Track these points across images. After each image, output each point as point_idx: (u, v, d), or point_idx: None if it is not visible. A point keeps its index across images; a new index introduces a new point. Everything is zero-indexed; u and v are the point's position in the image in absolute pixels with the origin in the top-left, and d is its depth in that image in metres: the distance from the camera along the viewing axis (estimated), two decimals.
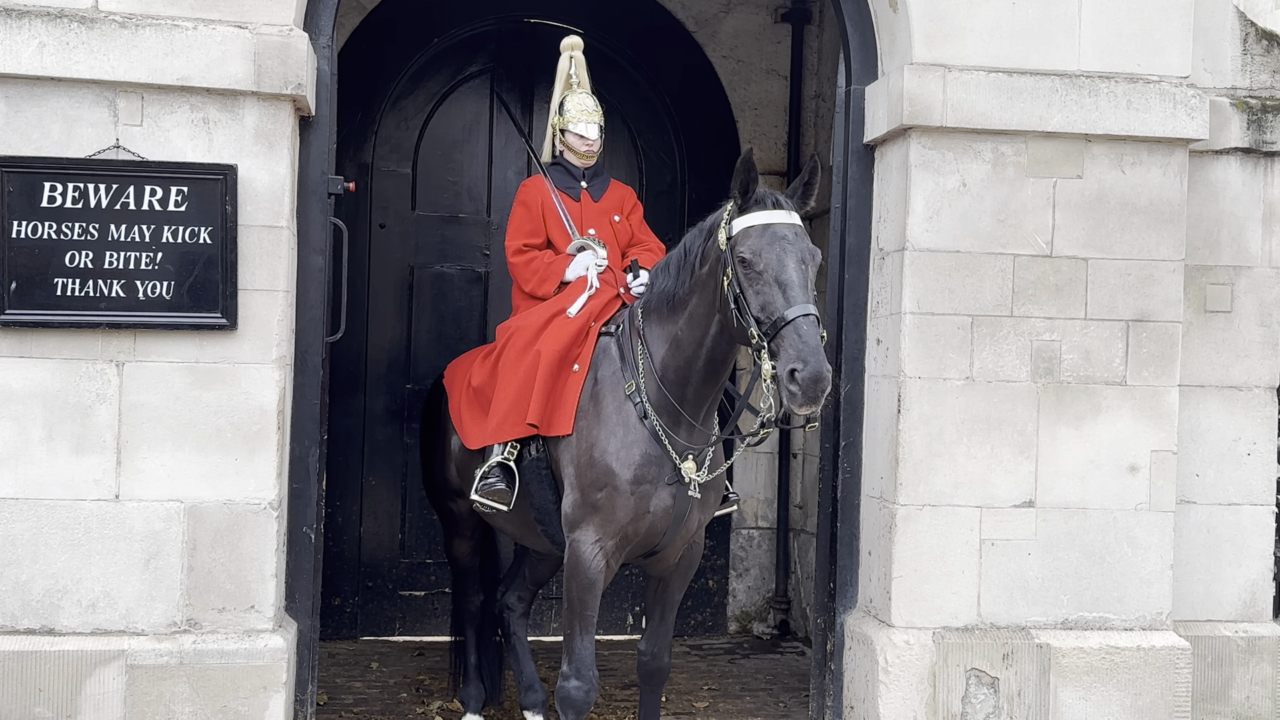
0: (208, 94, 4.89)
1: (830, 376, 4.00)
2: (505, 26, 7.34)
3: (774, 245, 4.22)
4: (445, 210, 7.38)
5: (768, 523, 7.82)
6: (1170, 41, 5.38)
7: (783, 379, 4.03)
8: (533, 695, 5.62)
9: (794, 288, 4.15)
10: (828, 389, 4.00)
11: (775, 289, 4.16)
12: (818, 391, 3.97)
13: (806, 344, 4.01)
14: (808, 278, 4.22)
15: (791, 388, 3.99)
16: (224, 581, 4.91)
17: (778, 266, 4.18)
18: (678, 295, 4.59)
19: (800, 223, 4.36)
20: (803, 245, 4.27)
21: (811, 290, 4.21)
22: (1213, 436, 5.63)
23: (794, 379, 3.99)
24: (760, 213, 4.31)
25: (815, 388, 3.97)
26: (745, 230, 4.29)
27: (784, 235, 4.26)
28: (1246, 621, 5.68)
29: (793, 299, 4.12)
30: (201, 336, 4.88)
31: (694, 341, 4.54)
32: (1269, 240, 5.68)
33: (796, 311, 4.09)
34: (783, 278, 4.17)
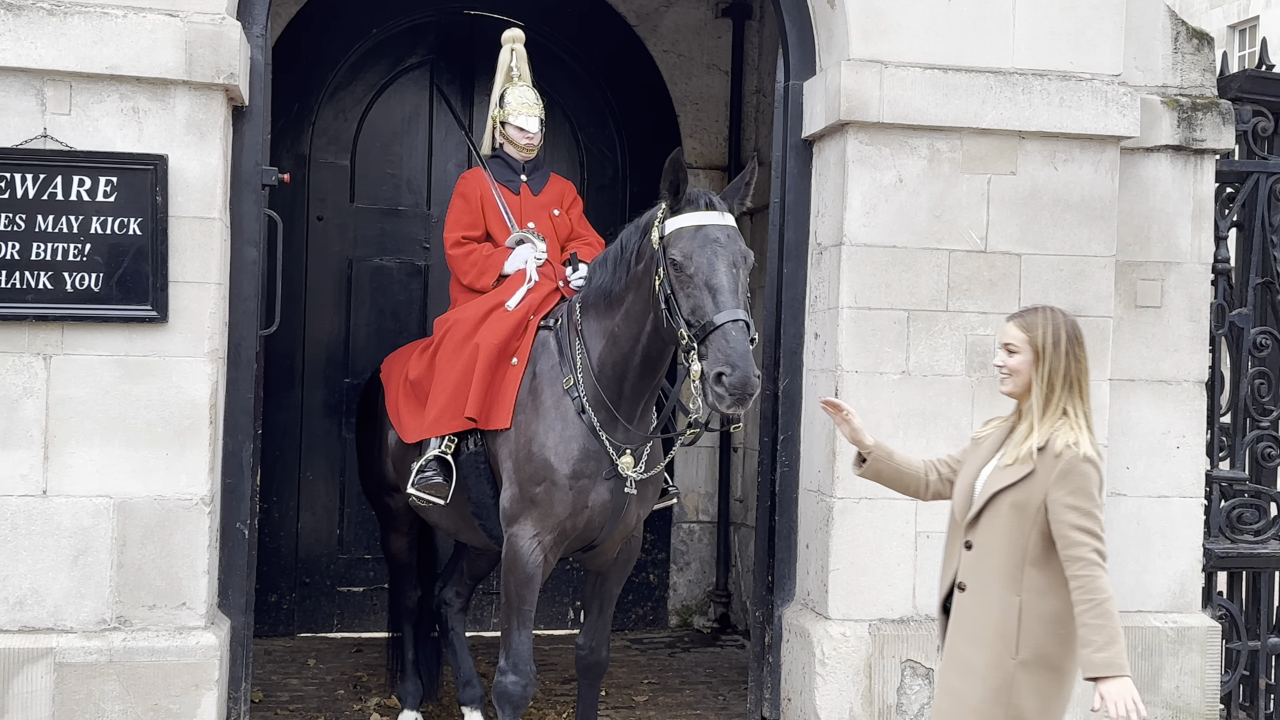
0: (138, 83, 4.81)
1: (757, 380, 4.03)
2: (445, 18, 7.29)
3: (705, 248, 4.22)
4: (384, 203, 7.32)
5: (708, 516, 7.84)
6: (1102, 40, 5.44)
7: (710, 382, 4.05)
8: (471, 691, 5.60)
9: (724, 292, 4.15)
10: (754, 393, 4.02)
11: (705, 293, 4.17)
12: (744, 395, 4.00)
13: (734, 349, 4.03)
14: (739, 281, 4.22)
15: (718, 390, 4.02)
16: (155, 578, 4.84)
17: (708, 270, 4.18)
18: (614, 291, 4.59)
19: (734, 224, 4.35)
20: (735, 248, 4.27)
21: (743, 294, 4.21)
22: (1143, 430, 5.71)
23: (721, 382, 4.01)
24: (693, 214, 4.30)
25: (742, 391, 4.00)
26: (677, 231, 4.28)
27: (715, 238, 4.25)
28: (1176, 612, 5.76)
29: (722, 304, 4.13)
30: (131, 329, 4.81)
31: (630, 338, 4.54)
32: (1198, 236, 5.77)
33: (725, 316, 4.10)
34: (713, 282, 4.17)
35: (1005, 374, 3.55)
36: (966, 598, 3.51)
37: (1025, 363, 3.51)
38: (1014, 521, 3.44)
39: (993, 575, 3.47)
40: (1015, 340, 3.53)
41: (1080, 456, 3.41)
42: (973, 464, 3.63)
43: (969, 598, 3.50)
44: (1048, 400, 3.47)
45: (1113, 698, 3.24)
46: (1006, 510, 3.45)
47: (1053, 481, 3.39)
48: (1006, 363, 3.55)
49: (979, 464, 3.60)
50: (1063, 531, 3.38)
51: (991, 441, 3.61)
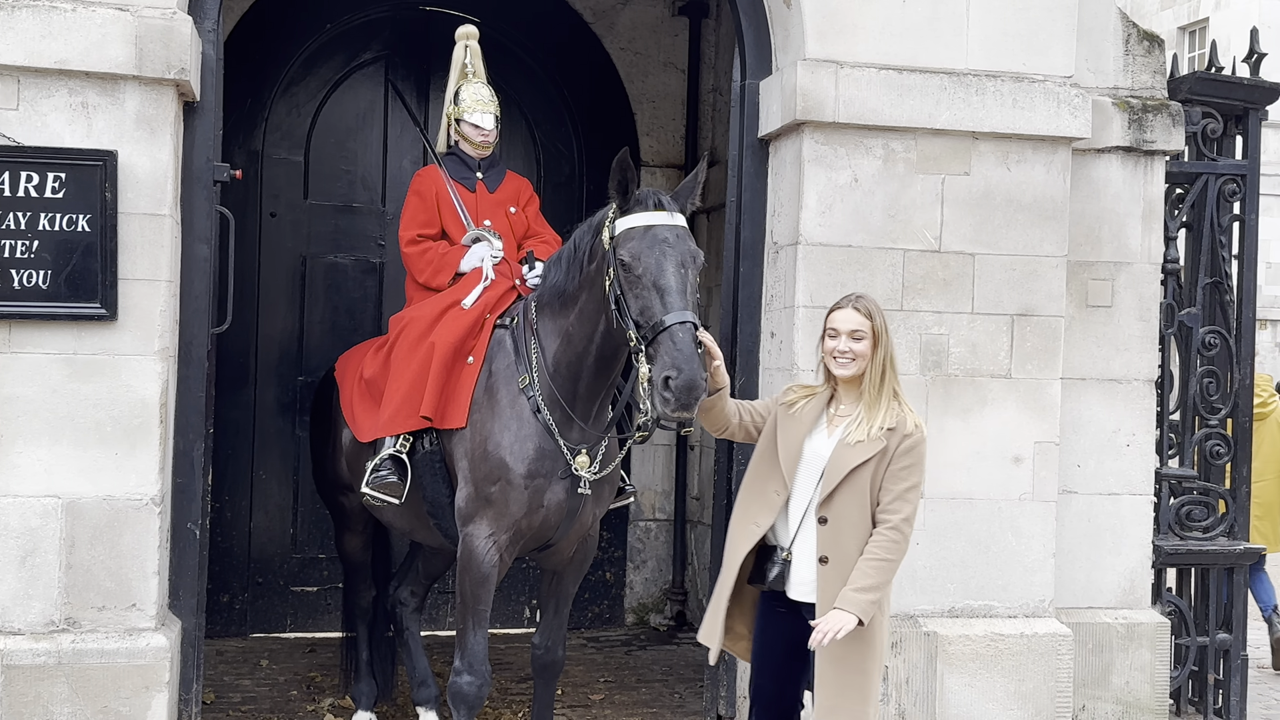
0: (87, 78, 4.75)
1: (704, 383, 3.99)
2: (400, 13, 7.24)
3: (654, 249, 4.18)
4: (339, 199, 7.27)
5: (665, 515, 7.85)
6: (1055, 42, 5.49)
7: (657, 385, 4.01)
8: (425, 691, 5.58)
9: (672, 293, 4.11)
10: (701, 396, 3.98)
11: (654, 294, 4.13)
12: (691, 399, 3.95)
13: (681, 351, 3.98)
14: (687, 282, 4.17)
15: (665, 394, 3.97)
16: (104, 579, 4.79)
17: (656, 271, 4.15)
18: (568, 291, 4.57)
19: (684, 223, 4.32)
20: (684, 248, 4.22)
21: (692, 295, 4.17)
22: (1094, 428, 5.77)
23: (668, 386, 3.96)
24: (642, 214, 4.27)
25: (689, 395, 3.95)
26: (627, 232, 4.25)
27: (664, 238, 4.21)
28: (1126, 608, 5.83)
29: (670, 305, 4.09)
30: (80, 327, 4.75)
31: (584, 337, 4.52)
32: (1148, 237, 5.83)
33: (673, 318, 4.05)
34: (661, 282, 4.13)
35: (850, 359, 3.86)
36: (831, 570, 3.81)
37: (868, 347, 3.86)
38: (864, 496, 3.80)
39: (853, 547, 3.80)
40: (862, 327, 3.86)
41: (923, 436, 3.86)
42: (793, 433, 3.92)
43: (833, 569, 3.80)
44: (882, 381, 3.86)
45: (828, 621, 3.70)
46: (858, 486, 3.80)
47: (897, 454, 3.80)
48: (853, 348, 3.85)
49: (800, 435, 3.91)
50: (892, 497, 3.80)
51: (809, 415, 3.92)
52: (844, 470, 3.80)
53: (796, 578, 3.89)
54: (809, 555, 3.86)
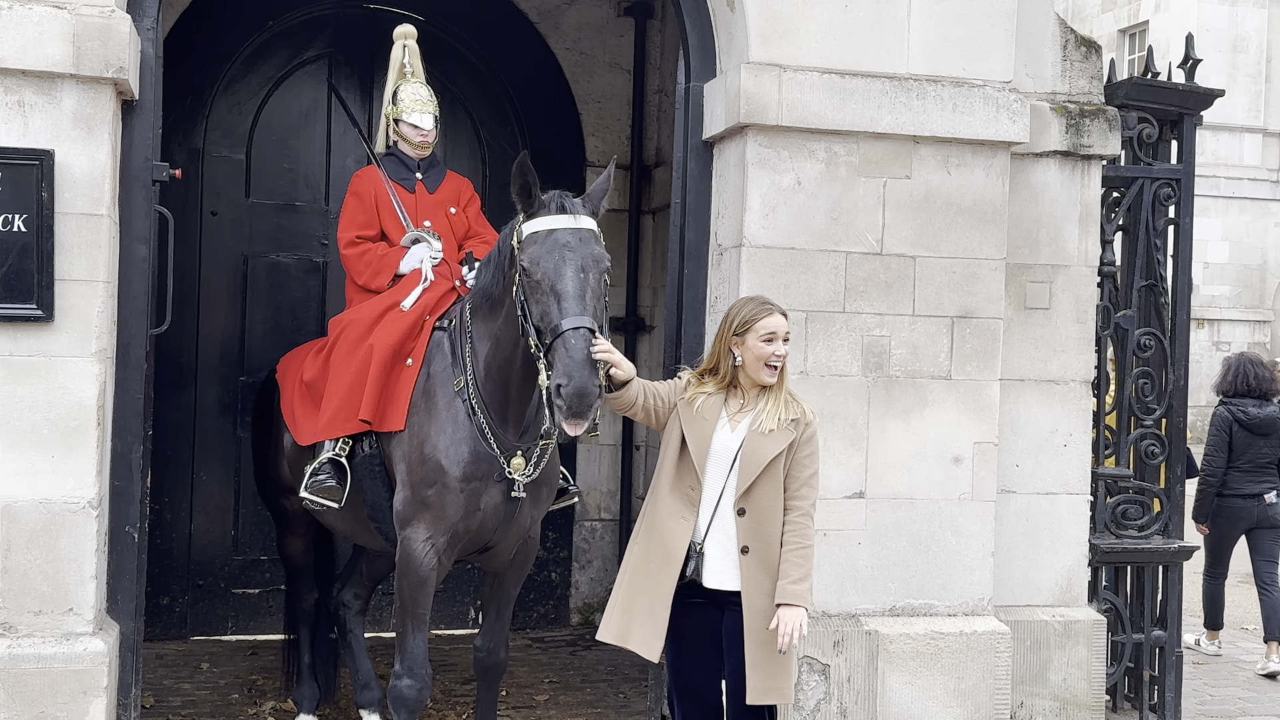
0: (23, 76, 4.68)
1: (596, 390, 3.93)
2: (344, 10, 7.20)
3: (553, 253, 4.14)
4: (281, 198, 7.21)
5: (610, 515, 7.86)
6: (994, 47, 5.56)
7: (551, 394, 3.97)
8: (369, 694, 5.56)
9: (568, 298, 4.05)
10: (594, 404, 3.92)
11: (551, 299, 4.08)
12: (583, 407, 3.90)
13: (573, 358, 3.93)
14: (587, 286, 4.10)
15: (558, 402, 3.93)
16: (40, 584, 4.72)
17: (555, 275, 4.10)
18: (494, 294, 4.54)
19: (590, 226, 4.26)
20: (586, 251, 4.16)
21: (593, 299, 4.10)
22: (1032, 428, 5.85)
23: (560, 394, 3.93)
24: (544, 218, 4.22)
25: (580, 404, 3.90)
26: (530, 236, 4.21)
27: (565, 242, 4.16)
28: (1063, 606, 5.91)
29: (566, 310, 4.03)
30: (15, 328, 4.68)
31: (511, 341, 4.46)
32: (1085, 240, 5.92)
33: (568, 324, 4.00)
34: (559, 287, 4.08)
35: (780, 362, 4.02)
36: (752, 559, 3.96)
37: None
38: (778, 484, 3.97)
39: (772, 535, 3.96)
40: (785, 328, 4.04)
41: (817, 425, 4.11)
42: (700, 429, 4.02)
43: (754, 558, 3.96)
44: (784, 377, 4.06)
45: (788, 621, 3.87)
46: (774, 475, 3.97)
47: (801, 443, 4.01)
48: (787, 352, 4.04)
49: (708, 430, 4.01)
50: (799, 485, 4.00)
51: (711, 410, 4.04)
52: (763, 461, 3.95)
53: (712, 568, 4.00)
54: (723, 546, 3.99)
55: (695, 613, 4.04)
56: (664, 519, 4.04)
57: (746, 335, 4.02)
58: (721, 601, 4.01)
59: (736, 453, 3.99)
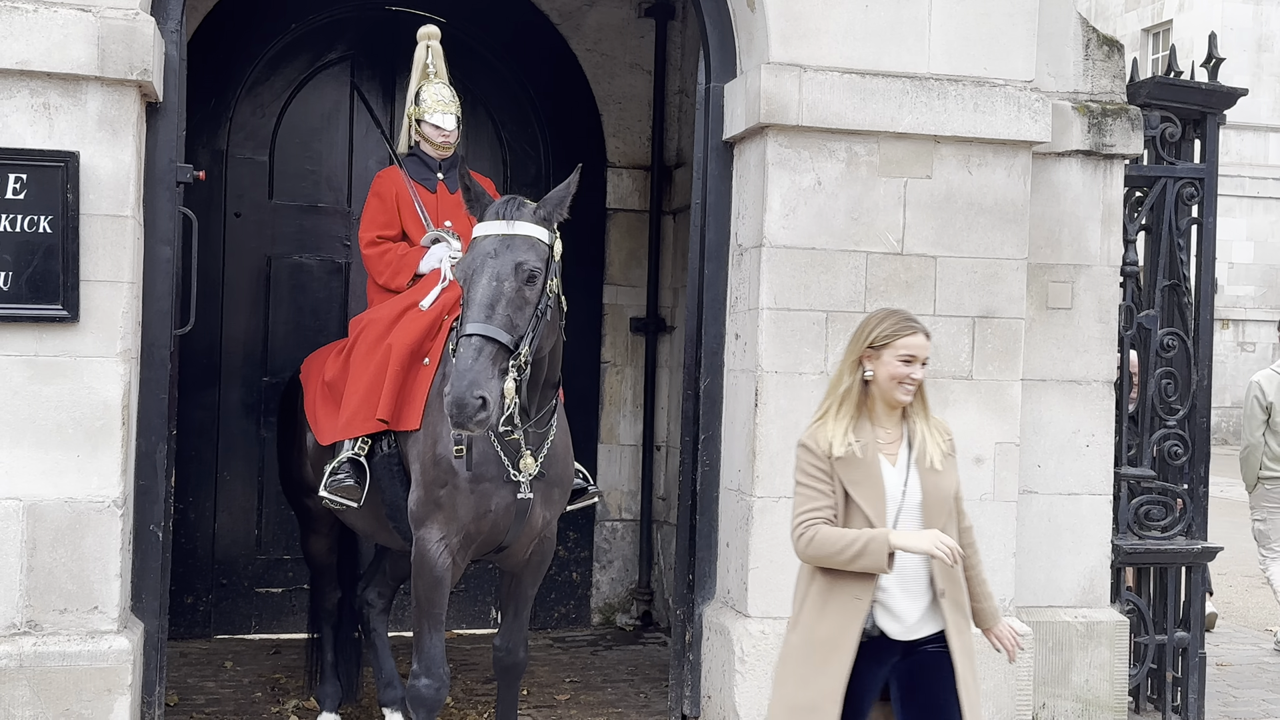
0: (49, 78, 4.73)
1: (474, 401, 3.92)
2: (366, 13, 7.23)
3: (474, 260, 4.18)
4: (303, 199, 7.25)
5: (631, 515, 7.87)
6: (1016, 46, 5.55)
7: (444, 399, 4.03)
8: (391, 692, 5.58)
9: (473, 305, 4.08)
10: (475, 416, 3.92)
11: (466, 305, 4.14)
12: (463, 417, 3.92)
13: (457, 367, 3.98)
14: (501, 294, 4.09)
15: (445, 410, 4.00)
16: (66, 582, 4.76)
17: (470, 283, 4.15)
18: None
19: (527, 232, 4.23)
20: (509, 258, 4.14)
21: (505, 308, 4.08)
22: (1054, 429, 5.83)
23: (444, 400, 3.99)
24: (481, 224, 4.27)
25: (460, 413, 3.92)
26: (470, 242, 4.27)
27: (488, 250, 4.18)
28: (1085, 607, 5.89)
29: (469, 317, 4.07)
30: (41, 329, 4.72)
31: None
32: (1107, 240, 5.90)
33: (466, 330, 4.04)
34: (471, 294, 4.12)
35: (913, 385, 3.66)
36: (949, 600, 3.65)
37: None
38: (954, 515, 3.72)
39: (958, 572, 3.67)
40: (927, 351, 3.69)
41: None
42: (867, 475, 3.59)
43: (950, 600, 3.65)
44: (924, 397, 3.74)
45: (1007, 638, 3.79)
46: (952, 507, 3.71)
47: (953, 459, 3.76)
48: (920, 375, 3.68)
49: (874, 473, 3.60)
50: (961, 503, 3.77)
51: (865, 449, 3.61)
52: (948, 500, 3.67)
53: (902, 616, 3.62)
54: (910, 592, 3.61)
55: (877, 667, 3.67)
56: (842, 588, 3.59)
57: (883, 351, 3.63)
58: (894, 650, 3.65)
59: (905, 490, 3.62)
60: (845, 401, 3.66)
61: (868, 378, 3.66)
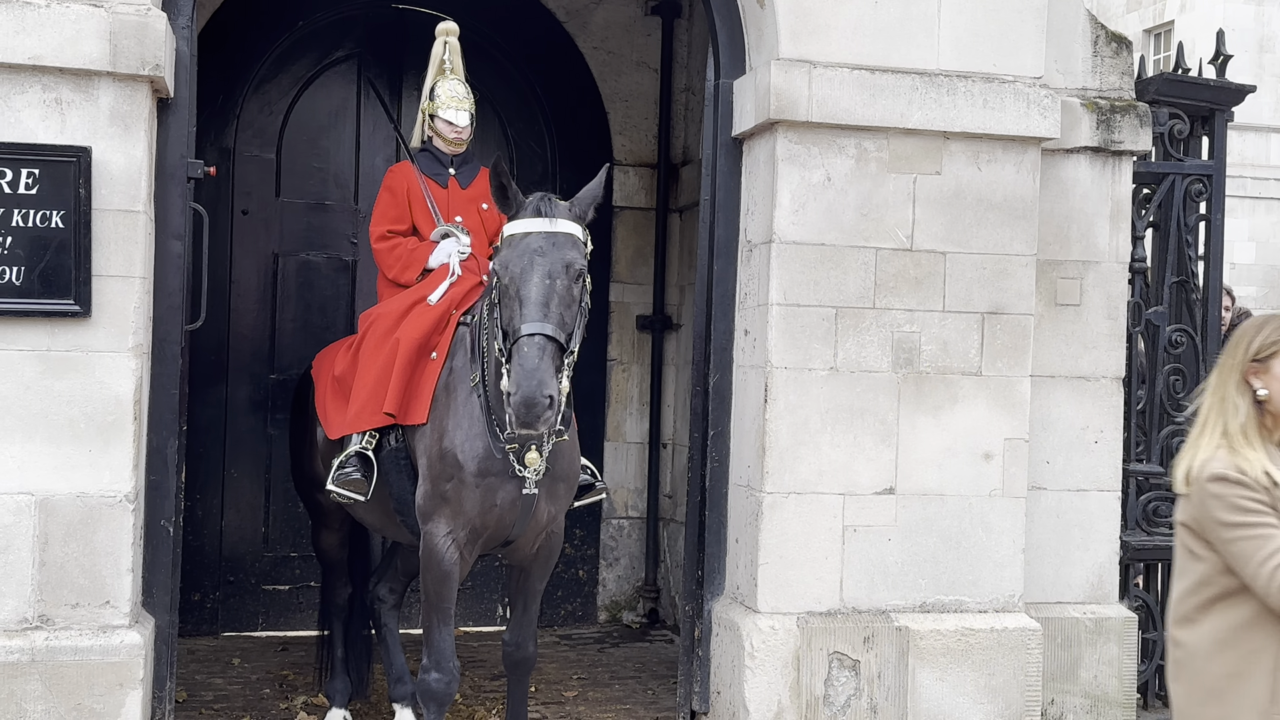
0: (61, 74, 4.73)
1: (545, 400, 3.91)
2: (373, 11, 7.23)
3: (522, 258, 4.13)
4: (311, 197, 7.26)
5: (638, 512, 7.87)
6: (1025, 43, 5.55)
7: (506, 399, 3.97)
8: (402, 688, 5.58)
9: (530, 304, 4.04)
10: (543, 414, 3.91)
11: (516, 303, 4.09)
12: (531, 416, 3.90)
13: (523, 366, 3.94)
14: (554, 293, 4.09)
15: (509, 409, 3.96)
16: (78, 576, 4.77)
17: (521, 281, 4.10)
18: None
19: (568, 230, 4.24)
20: (558, 256, 4.15)
21: (559, 306, 4.08)
22: (1062, 425, 5.83)
23: (509, 402, 3.95)
24: (521, 221, 4.23)
25: (529, 413, 3.90)
26: (506, 239, 4.22)
27: (536, 247, 4.15)
28: (1094, 603, 5.89)
29: (527, 316, 4.03)
30: (53, 324, 4.72)
31: None
32: (1116, 236, 5.90)
33: (525, 329, 4.00)
34: (524, 293, 4.08)
35: None
36: None
37: None
38: None
39: None
40: None
41: None
42: None
43: None
44: None
45: None
46: None
47: None
48: None
49: None
50: None
51: None
52: None
53: None
54: None
55: None
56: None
57: (1272, 362, 3.06)
58: None
59: None
60: (1248, 427, 3.07)
61: (1261, 397, 3.07)
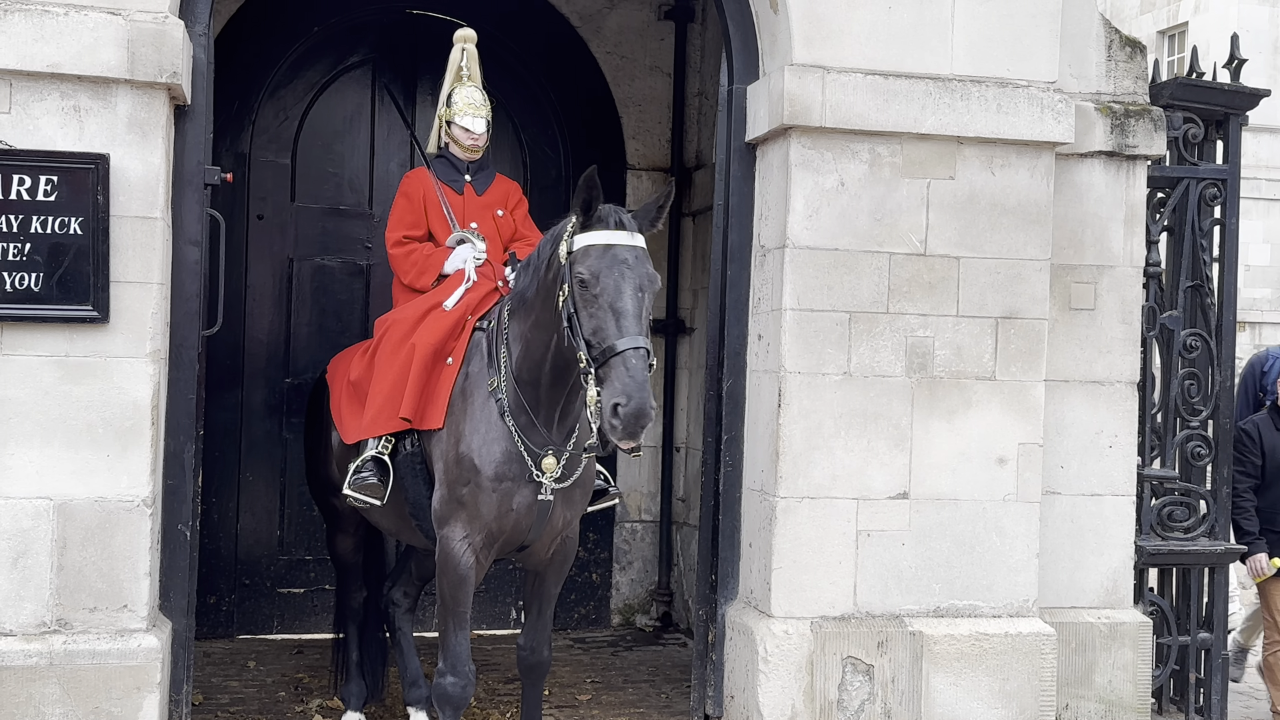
0: (79, 81, 4.77)
1: (651, 412, 3.97)
2: (387, 17, 7.25)
3: (613, 269, 4.17)
4: (326, 202, 7.29)
5: (651, 516, 7.89)
6: (1039, 47, 5.55)
7: (605, 411, 4.00)
8: (417, 691, 5.60)
9: (628, 317, 4.09)
10: (648, 425, 3.97)
11: (609, 315, 4.11)
12: (638, 428, 3.95)
13: (634, 379, 3.97)
14: (643, 306, 4.15)
15: (614, 421, 3.98)
16: (96, 580, 4.80)
17: (614, 292, 4.13)
18: (528, 298, 4.59)
19: (644, 245, 4.30)
20: (642, 271, 4.21)
21: (646, 319, 4.15)
22: (1077, 430, 5.83)
23: (616, 414, 3.97)
24: (602, 232, 4.25)
25: (636, 424, 3.95)
26: (586, 249, 4.23)
27: (624, 259, 4.19)
28: (1109, 608, 5.89)
29: (625, 329, 4.07)
30: (72, 329, 4.76)
31: (541, 345, 4.51)
32: (1130, 240, 5.90)
33: (627, 343, 4.03)
34: (618, 305, 4.11)
35: None
36: None
37: None
38: None
39: None
40: None
41: None
42: None
43: None
44: None
45: None
46: None
47: None
48: None
49: None
50: None
51: None
52: None
53: None
54: None
55: None
56: None
57: None
58: None
59: None
60: None
61: None
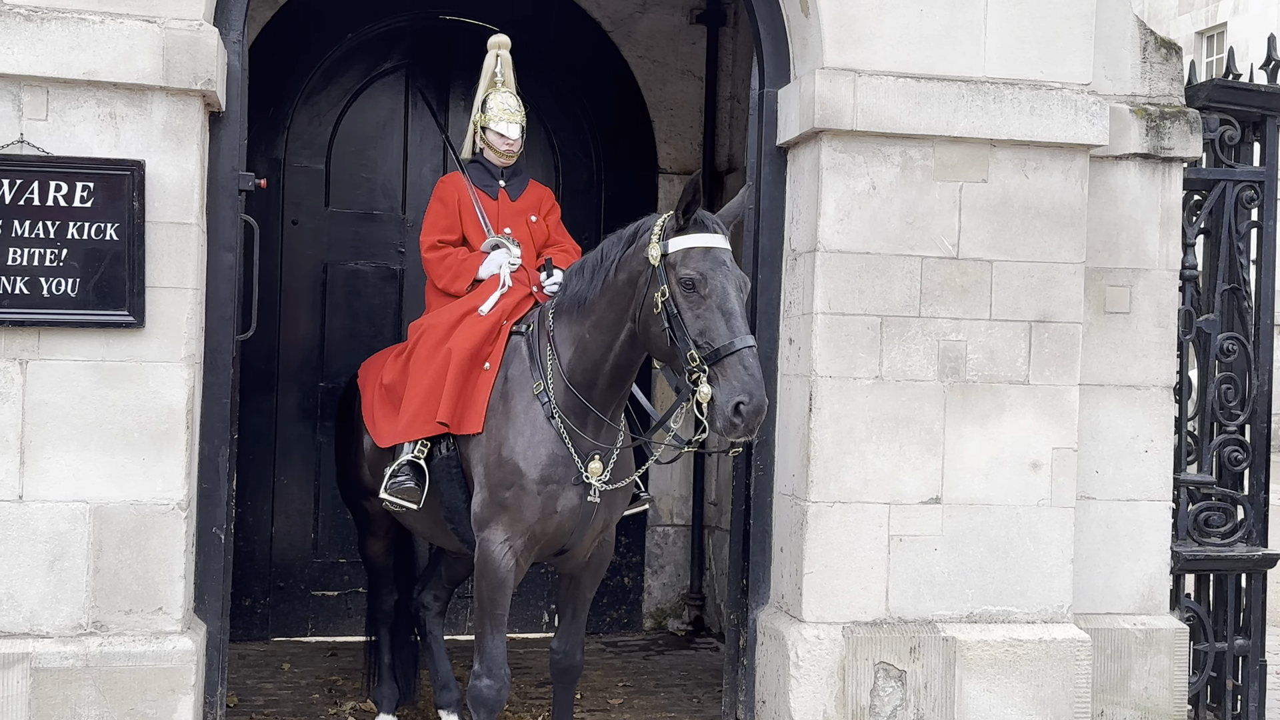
0: (115, 89, 4.82)
1: (766, 409, 4.16)
2: (421, 23, 7.30)
3: (718, 271, 4.30)
4: (359, 207, 7.33)
5: (683, 520, 7.88)
6: (1072, 49, 5.51)
7: (724, 409, 4.12)
8: (448, 694, 5.63)
9: (737, 317, 4.24)
10: (764, 420, 4.16)
11: (719, 316, 4.23)
12: (756, 424, 4.13)
13: (753, 377, 4.13)
14: (743, 305, 4.32)
15: (735, 420, 4.11)
16: (131, 583, 4.84)
17: (722, 294, 4.26)
18: (588, 300, 4.63)
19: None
20: (739, 273, 4.38)
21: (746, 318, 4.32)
22: (1112, 434, 5.78)
23: (739, 411, 4.10)
24: (702, 235, 4.35)
25: (756, 420, 4.12)
26: (688, 251, 4.33)
27: (724, 261, 4.34)
28: (1144, 614, 5.83)
29: (736, 329, 4.21)
30: (108, 334, 4.81)
31: (602, 346, 4.58)
32: (1166, 243, 5.85)
33: (741, 342, 4.18)
34: (727, 306, 4.24)
35: None
36: None
37: None
38: None
39: None
40: None
41: None
42: None
43: None
44: None
45: None
46: None
47: None
48: None
49: None
50: None
51: None
52: None
53: None
54: None
55: None
56: None
57: None
58: None
59: None
60: None
61: None
